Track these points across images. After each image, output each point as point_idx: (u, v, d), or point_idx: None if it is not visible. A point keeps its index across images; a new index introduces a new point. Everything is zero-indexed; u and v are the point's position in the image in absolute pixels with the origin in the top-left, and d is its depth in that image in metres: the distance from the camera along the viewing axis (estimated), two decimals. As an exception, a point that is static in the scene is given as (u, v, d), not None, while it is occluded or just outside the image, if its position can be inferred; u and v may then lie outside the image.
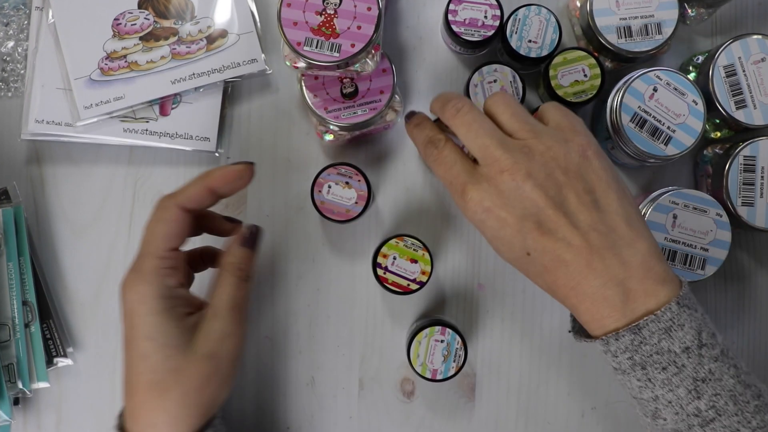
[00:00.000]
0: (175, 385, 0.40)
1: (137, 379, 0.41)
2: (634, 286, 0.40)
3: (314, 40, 0.47)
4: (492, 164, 0.42)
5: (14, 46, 0.57)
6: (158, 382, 0.40)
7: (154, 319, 0.41)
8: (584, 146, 0.43)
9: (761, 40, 0.54)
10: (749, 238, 0.59)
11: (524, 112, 0.45)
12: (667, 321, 0.39)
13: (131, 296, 0.41)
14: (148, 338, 0.41)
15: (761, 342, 0.58)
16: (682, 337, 0.39)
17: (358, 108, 0.52)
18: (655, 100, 0.52)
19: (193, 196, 0.43)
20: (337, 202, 0.52)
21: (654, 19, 0.53)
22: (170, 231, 0.43)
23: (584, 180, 0.42)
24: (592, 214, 0.41)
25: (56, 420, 0.57)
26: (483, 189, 0.42)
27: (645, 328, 0.39)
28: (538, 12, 0.54)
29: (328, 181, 0.51)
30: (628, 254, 0.40)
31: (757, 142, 0.53)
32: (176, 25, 0.56)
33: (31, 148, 0.58)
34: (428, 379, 0.52)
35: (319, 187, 0.51)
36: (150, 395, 0.40)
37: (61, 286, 0.57)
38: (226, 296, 0.43)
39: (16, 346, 0.52)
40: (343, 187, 0.52)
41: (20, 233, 0.54)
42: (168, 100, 0.56)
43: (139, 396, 0.41)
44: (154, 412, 0.40)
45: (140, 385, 0.41)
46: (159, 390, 0.40)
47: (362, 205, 0.52)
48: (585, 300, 0.41)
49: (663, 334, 0.39)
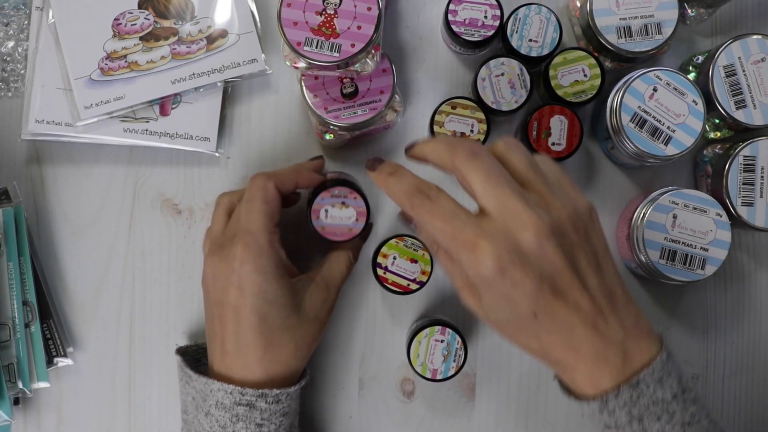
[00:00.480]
0: (291, 340, 0.47)
1: (254, 338, 0.46)
2: (631, 345, 0.41)
3: (314, 40, 0.47)
4: (512, 218, 0.38)
5: (14, 46, 0.57)
6: (277, 338, 0.46)
7: (274, 286, 0.46)
8: (590, 207, 0.42)
9: (761, 40, 0.54)
10: (749, 238, 0.59)
11: (536, 163, 0.42)
12: (659, 372, 0.41)
13: (248, 268, 0.46)
14: (269, 302, 0.46)
15: (761, 342, 0.58)
16: (671, 384, 0.41)
17: (358, 108, 0.52)
18: (655, 100, 0.52)
19: (287, 182, 0.49)
20: (337, 224, 0.50)
21: (654, 19, 0.53)
22: (274, 209, 0.48)
23: (591, 242, 0.41)
24: (598, 276, 0.40)
25: (56, 420, 0.57)
26: (500, 245, 0.38)
27: (642, 382, 0.40)
28: (539, 11, 0.54)
29: (324, 206, 0.49)
30: (625, 316, 0.41)
31: (756, 142, 0.53)
32: (176, 25, 0.56)
33: (32, 148, 0.58)
34: (428, 379, 0.52)
35: (315, 214, 0.49)
36: (269, 349, 0.46)
37: (61, 286, 0.57)
38: (339, 273, 0.51)
39: (16, 345, 0.52)
40: (340, 208, 0.50)
41: (20, 233, 0.54)
42: (168, 100, 0.56)
43: (257, 351, 0.46)
44: (271, 364, 0.47)
45: (258, 342, 0.46)
46: (277, 344, 0.47)
47: (363, 221, 0.50)
48: (585, 361, 0.40)
49: (657, 384, 0.40)
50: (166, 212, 0.58)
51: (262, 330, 0.46)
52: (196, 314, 0.57)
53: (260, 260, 0.46)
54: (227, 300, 0.46)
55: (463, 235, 0.39)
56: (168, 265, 0.58)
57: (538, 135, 0.53)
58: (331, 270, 0.51)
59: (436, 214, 0.40)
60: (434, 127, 0.53)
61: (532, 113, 0.53)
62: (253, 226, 0.47)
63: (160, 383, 0.57)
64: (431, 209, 0.40)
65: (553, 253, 0.38)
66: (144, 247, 0.58)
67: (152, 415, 0.57)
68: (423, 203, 0.41)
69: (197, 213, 0.58)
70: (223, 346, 0.47)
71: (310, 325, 0.48)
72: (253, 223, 0.47)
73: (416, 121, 0.58)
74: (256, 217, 0.47)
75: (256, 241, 0.46)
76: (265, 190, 0.47)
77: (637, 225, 0.53)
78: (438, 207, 0.40)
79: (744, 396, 0.58)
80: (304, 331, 0.48)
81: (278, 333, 0.47)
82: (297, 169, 0.50)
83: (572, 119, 0.53)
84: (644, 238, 0.52)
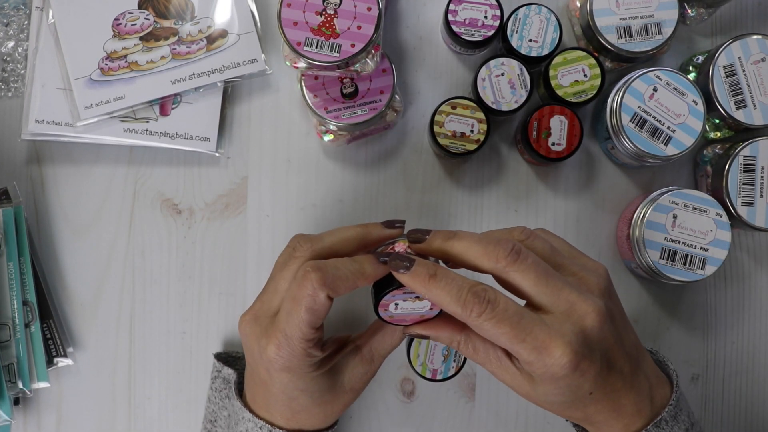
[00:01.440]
0: (320, 412, 0.45)
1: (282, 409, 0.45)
2: (655, 393, 0.43)
3: (314, 40, 0.47)
4: (573, 310, 0.38)
5: (14, 46, 0.57)
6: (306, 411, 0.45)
7: (305, 380, 0.43)
8: (606, 271, 0.43)
9: (761, 40, 0.54)
10: (749, 238, 0.59)
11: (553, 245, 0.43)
12: (674, 408, 0.43)
13: (277, 366, 0.42)
14: (298, 389, 0.44)
15: (761, 342, 0.58)
16: (684, 419, 0.44)
17: (358, 108, 0.52)
18: (655, 100, 0.52)
19: (342, 288, 0.40)
20: (408, 314, 0.44)
21: (654, 19, 0.53)
22: (319, 318, 0.41)
23: (617, 304, 0.43)
24: (627, 335, 0.42)
25: (56, 420, 0.57)
26: (572, 342, 0.37)
27: (663, 421, 0.42)
28: (539, 11, 0.54)
29: (394, 300, 0.42)
30: (647, 368, 0.43)
31: (756, 142, 0.53)
32: (176, 25, 0.56)
33: (32, 148, 0.58)
34: (428, 379, 0.52)
35: (384, 307, 0.42)
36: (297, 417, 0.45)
37: (61, 286, 0.57)
38: (390, 347, 0.46)
39: (16, 345, 0.52)
40: (413, 301, 0.42)
41: (20, 233, 0.54)
42: (168, 100, 0.56)
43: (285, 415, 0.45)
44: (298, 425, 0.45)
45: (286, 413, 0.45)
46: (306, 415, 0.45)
47: (437, 309, 0.43)
48: (624, 417, 0.42)
49: (673, 420, 0.43)
50: (166, 212, 0.58)
51: (290, 406, 0.45)
52: (197, 314, 0.58)
53: (292, 362, 0.42)
54: (257, 371, 0.45)
55: (532, 339, 0.37)
56: (168, 265, 0.58)
57: (538, 135, 0.53)
58: (383, 342, 0.46)
59: (502, 320, 0.38)
60: (434, 127, 0.53)
61: (532, 113, 0.53)
62: (290, 331, 0.41)
63: (160, 383, 0.57)
64: (495, 315, 0.38)
65: (609, 332, 0.40)
66: (144, 247, 0.58)
67: (152, 415, 0.57)
68: (482, 309, 0.38)
69: (197, 213, 0.58)
70: (253, 397, 0.47)
71: (345, 396, 0.46)
72: (291, 329, 0.41)
73: (416, 121, 0.58)
74: (296, 325, 0.41)
75: (291, 347, 0.42)
76: (314, 299, 0.40)
77: (637, 225, 0.53)
78: (500, 310, 0.38)
79: (744, 396, 0.58)
80: (337, 404, 0.46)
81: (308, 408, 0.45)
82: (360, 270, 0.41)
83: (572, 119, 0.53)
84: (644, 238, 0.52)
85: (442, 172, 0.58)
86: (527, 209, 0.58)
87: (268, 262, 0.57)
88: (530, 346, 0.37)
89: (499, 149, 0.58)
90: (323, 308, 0.41)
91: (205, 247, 0.58)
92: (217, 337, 0.57)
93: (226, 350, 0.57)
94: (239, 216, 0.58)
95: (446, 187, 0.58)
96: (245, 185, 0.58)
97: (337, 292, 0.40)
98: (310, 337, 0.41)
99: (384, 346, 0.46)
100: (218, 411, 0.52)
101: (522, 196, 0.58)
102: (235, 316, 0.57)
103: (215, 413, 0.52)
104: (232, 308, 0.58)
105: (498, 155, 0.58)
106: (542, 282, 0.38)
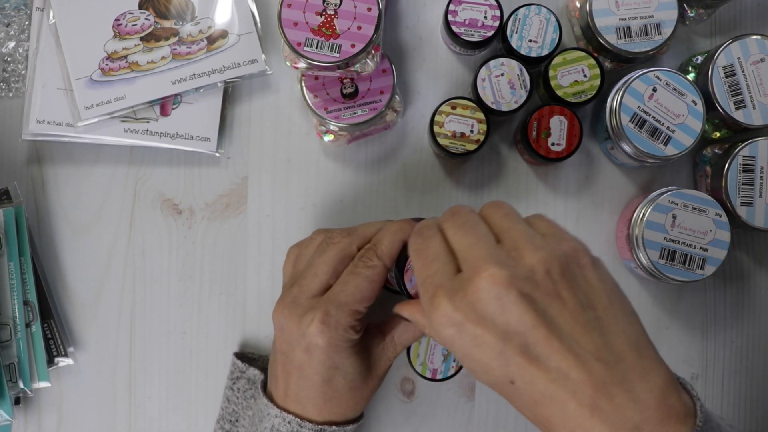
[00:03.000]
0: (351, 397, 0.46)
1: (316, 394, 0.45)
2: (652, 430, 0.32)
3: (314, 40, 0.47)
4: (473, 266, 0.34)
5: (15, 46, 0.57)
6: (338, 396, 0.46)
7: (342, 357, 0.45)
8: (577, 250, 0.35)
9: (760, 40, 0.54)
10: (748, 238, 0.59)
11: (518, 215, 0.38)
12: None
13: (320, 341, 0.43)
14: (335, 367, 0.45)
15: (761, 342, 0.58)
16: None
17: (358, 108, 0.52)
18: (655, 100, 0.52)
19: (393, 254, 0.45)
20: None
21: (653, 19, 0.54)
22: (374, 293, 0.44)
23: (582, 293, 0.34)
24: (594, 337, 0.33)
25: (57, 419, 0.57)
26: (457, 298, 0.34)
27: None
28: (538, 11, 0.54)
29: None
30: (642, 390, 0.32)
31: (756, 143, 0.53)
32: (177, 26, 0.56)
33: (32, 148, 0.58)
34: (428, 378, 0.52)
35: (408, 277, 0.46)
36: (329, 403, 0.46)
37: (61, 285, 0.57)
38: (412, 337, 0.48)
39: (17, 345, 0.52)
40: None
41: (21, 233, 0.54)
42: (168, 100, 0.56)
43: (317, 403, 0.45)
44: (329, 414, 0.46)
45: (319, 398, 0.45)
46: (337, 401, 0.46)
47: None
48: None
49: None
50: (166, 212, 0.58)
51: (324, 390, 0.45)
52: (197, 314, 0.58)
53: (335, 336, 0.43)
54: (293, 356, 0.45)
55: (430, 282, 0.36)
56: (168, 265, 0.58)
57: (537, 135, 0.53)
58: (406, 332, 0.48)
59: (420, 255, 0.38)
60: (434, 128, 0.53)
61: (532, 113, 0.53)
62: (345, 298, 0.43)
63: (160, 383, 0.57)
64: (419, 248, 0.38)
65: (517, 303, 0.33)
66: (144, 247, 0.58)
67: (152, 415, 0.57)
68: (415, 241, 0.39)
69: (197, 213, 0.58)
70: (285, 390, 0.47)
71: (372, 382, 0.47)
72: (346, 296, 0.43)
73: (416, 122, 0.58)
74: (351, 294, 0.43)
75: (338, 321, 0.43)
76: (374, 269, 0.44)
77: (636, 225, 0.53)
78: (425, 247, 0.37)
79: (743, 395, 0.58)
80: (366, 389, 0.47)
81: (340, 393, 0.46)
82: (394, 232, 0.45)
83: (572, 119, 0.53)
84: (644, 238, 0.52)
85: (442, 172, 0.58)
86: (527, 209, 0.58)
87: (269, 262, 0.58)
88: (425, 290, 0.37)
89: (499, 149, 0.58)
90: (381, 280, 0.44)
91: (206, 247, 0.58)
92: (218, 336, 0.58)
93: (235, 350, 0.57)
94: (239, 216, 0.58)
95: (446, 188, 0.58)
96: (245, 185, 0.58)
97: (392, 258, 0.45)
98: (362, 310, 0.44)
99: (407, 336, 0.48)
100: (241, 411, 0.51)
101: (522, 196, 0.58)
102: (235, 316, 0.57)
103: (237, 413, 0.52)
104: (232, 308, 0.58)
105: (498, 155, 0.58)
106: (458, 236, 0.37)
